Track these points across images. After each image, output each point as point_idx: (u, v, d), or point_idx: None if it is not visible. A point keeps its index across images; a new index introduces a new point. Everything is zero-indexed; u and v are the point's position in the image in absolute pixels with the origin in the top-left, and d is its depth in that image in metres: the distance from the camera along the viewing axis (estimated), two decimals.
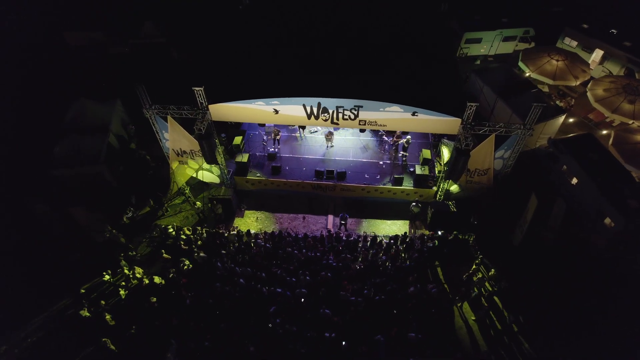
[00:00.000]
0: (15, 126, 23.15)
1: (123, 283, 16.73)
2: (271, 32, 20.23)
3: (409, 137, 20.26)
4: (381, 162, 20.85)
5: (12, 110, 24.13)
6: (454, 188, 19.21)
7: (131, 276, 16.79)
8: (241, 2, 25.41)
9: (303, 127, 19.97)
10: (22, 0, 28.13)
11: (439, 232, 18.22)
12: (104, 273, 16.70)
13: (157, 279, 16.82)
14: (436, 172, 20.16)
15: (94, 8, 27.58)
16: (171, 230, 18.38)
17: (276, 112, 16.14)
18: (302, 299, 15.83)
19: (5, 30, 28.01)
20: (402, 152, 20.71)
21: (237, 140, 21.02)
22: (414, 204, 19.22)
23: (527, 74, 23.82)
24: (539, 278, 16.81)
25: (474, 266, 17.23)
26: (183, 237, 18.21)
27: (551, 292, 16.35)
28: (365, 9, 21.37)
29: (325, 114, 16.05)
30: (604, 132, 21.61)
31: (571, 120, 23.36)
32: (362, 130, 18.92)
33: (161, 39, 26.83)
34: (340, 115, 16.01)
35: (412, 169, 20.40)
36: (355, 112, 15.87)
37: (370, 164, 20.87)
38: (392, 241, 17.87)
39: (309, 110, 15.94)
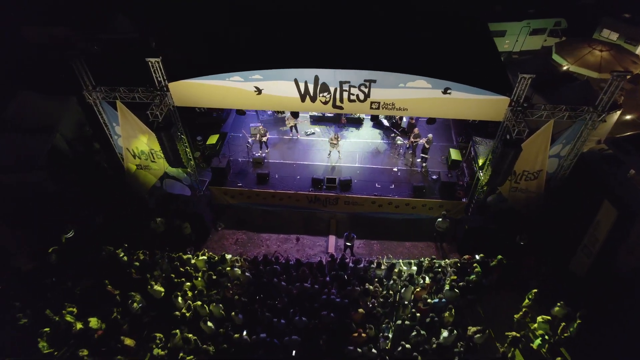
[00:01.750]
0: None
1: (47, 330, 11.98)
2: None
3: (430, 135, 16.10)
4: (395, 169, 16.62)
5: None
6: (492, 197, 14.88)
7: (57, 319, 12.11)
8: None
9: (296, 116, 15.75)
10: None
11: (477, 257, 13.73)
12: (20, 315, 12.10)
13: (94, 322, 12.18)
14: (466, 178, 15.92)
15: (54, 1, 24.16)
16: (122, 254, 13.87)
17: (259, 91, 12.01)
18: (294, 351, 11.24)
19: None
20: (421, 155, 16.50)
21: (213, 139, 16.83)
22: (440, 219, 14.83)
23: (566, 67, 20.01)
24: (619, 322, 12.24)
25: (526, 301, 12.65)
26: (136, 263, 13.68)
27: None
28: None
29: (325, 93, 11.92)
30: None
31: (626, 118, 19.38)
32: (373, 119, 14.66)
33: (134, 34, 23.22)
34: (345, 94, 11.88)
35: (435, 176, 16.14)
36: (366, 90, 11.74)
37: (382, 170, 16.65)
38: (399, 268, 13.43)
39: (302, 88, 11.80)
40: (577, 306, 12.19)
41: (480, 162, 14.66)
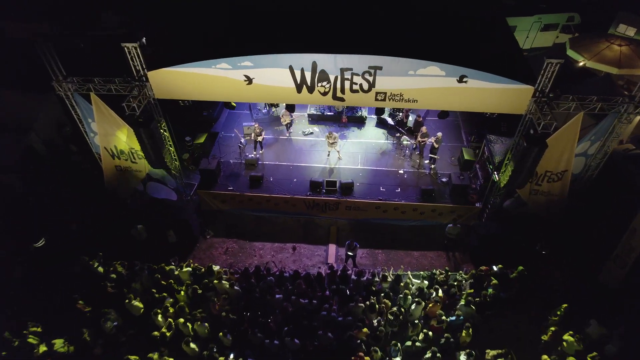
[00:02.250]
0: None
1: (4, 353, 10.47)
2: None
3: (439, 134, 14.71)
4: (401, 171, 15.20)
5: None
6: (510, 202, 13.46)
7: (16, 343, 10.57)
8: None
9: (291, 110, 14.29)
10: None
11: (495, 268, 12.27)
12: None
13: (59, 345, 10.68)
14: (479, 180, 14.51)
15: None
16: (96, 265, 12.40)
17: (249, 81, 10.63)
18: None
19: None
20: (430, 156, 15.10)
21: (201, 138, 15.46)
22: (450, 225, 13.43)
23: (582, 63, 18.70)
24: None
25: (554, 318, 11.14)
26: (113, 276, 12.18)
27: None
28: None
29: (324, 83, 10.53)
30: None
31: None
32: (378, 112, 13.24)
33: (122, 30, 21.95)
34: (347, 83, 10.49)
35: (445, 179, 14.73)
36: (370, 79, 10.35)
37: (387, 172, 15.23)
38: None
39: (298, 77, 10.42)
40: (612, 322, 10.75)
41: (497, 162, 13.25)
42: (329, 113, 17.28)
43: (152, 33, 21.13)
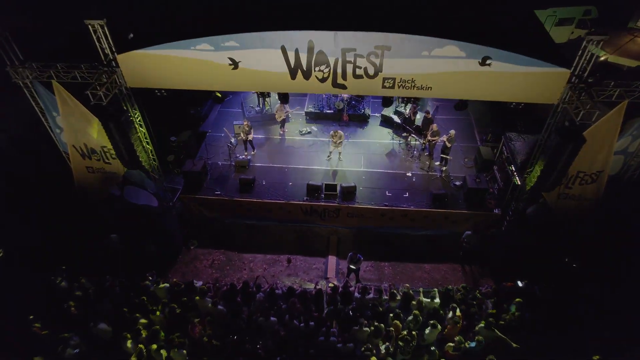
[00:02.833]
0: None
1: None
2: None
3: (452, 132, 13.19)
4: (409, 174, 13.71)
5: None
6: (534, 208, 11.85)
7: None
8: None
9: (285, 100, 12.60)
10: None
11: (520, 283, 10.65)
12: None
13: None
14: (497, 184, 12.95)
15: None
16: (59, 280, 10.75)
17: (235, 64, 9.11)
18: None
19: None
20: (442, 156, 13.59)
21: (184, 136, 13.96)
22: (468, 232, 11.86)
23: (603, 57, 17.35)
24: None
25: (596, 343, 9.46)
26: (78, 293, 10.54)
27: None
28: None
29: (323, 67, 9.00)
30: None
31: None
32: (385, 104, 11.66)
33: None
34: (350, 67, 8.96)
35: (458, 182, 13.17)
36: (377, 61, 8.81)
37: (393, 175, 13.76)
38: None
39: (292, 60, 8.89)
40: None
41: (519, 162, 11.69)
42: (328, 111, 15.84)
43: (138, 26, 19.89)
